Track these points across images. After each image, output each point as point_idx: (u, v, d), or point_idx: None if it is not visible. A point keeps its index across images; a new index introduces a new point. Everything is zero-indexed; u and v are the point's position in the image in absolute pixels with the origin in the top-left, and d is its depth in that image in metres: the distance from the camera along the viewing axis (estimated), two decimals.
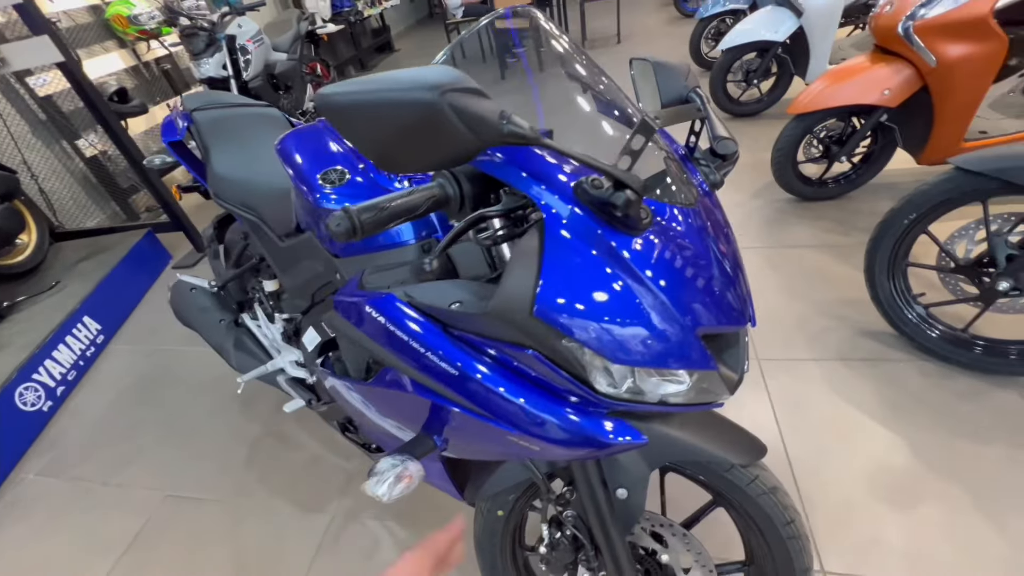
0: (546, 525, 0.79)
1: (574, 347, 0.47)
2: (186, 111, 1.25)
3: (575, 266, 0.45)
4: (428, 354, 0.56)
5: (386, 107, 0.39)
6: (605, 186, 0.45)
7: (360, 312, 0.62)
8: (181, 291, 1.42)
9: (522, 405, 0.51)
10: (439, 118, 0.38)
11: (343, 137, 0.46)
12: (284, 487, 1.41)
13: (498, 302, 0.47)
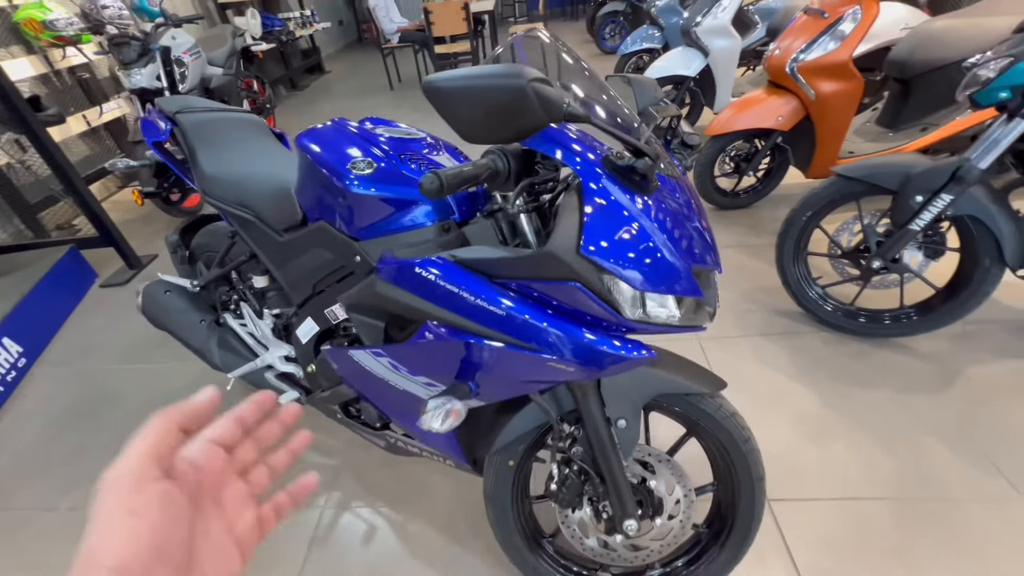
0: (556, 465, 0.92)
1: (607, 278, 0.62)
2: (166, 113, 1.27)
3: (607, 217, 0.61)
4: (478, 300, 0.68)
5: (483, 91, 0.52)
6: (627, 156, 0.61)
7: (411, 274, 0.72)
8: (154, 294, 1.38)
9: (562, 332, 0.65)
10: (522, 99, 0.52)
11: (441, 114, 0.58)
12: None
13: (553, 244, 0.61)
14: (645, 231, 0.62)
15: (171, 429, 0.30)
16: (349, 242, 0.92)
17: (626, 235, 0.61)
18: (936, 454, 1.28)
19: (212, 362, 1.32)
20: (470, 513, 1.28)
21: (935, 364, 1.52)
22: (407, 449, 1.14)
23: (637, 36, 3.83)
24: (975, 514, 1.14)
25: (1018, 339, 1.56)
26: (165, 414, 0.31)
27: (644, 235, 0.62)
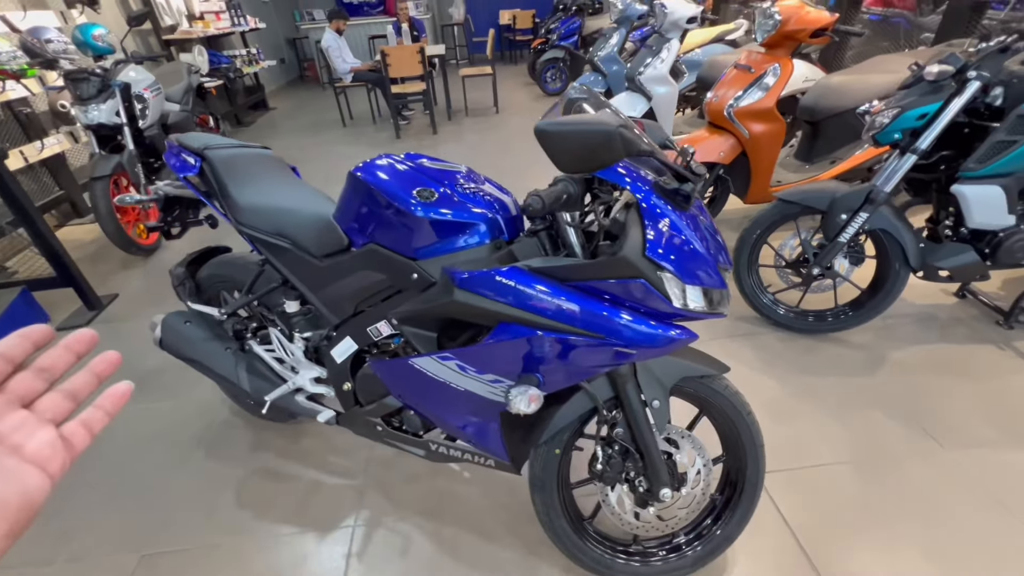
0: (600, 447, 1.06)
1: (664, 275, 0.79)
2: (192, 149, 1.32)
3: (661, 229, 0.79)
4: (555, 300, 0.83)
5: (582, 134, 0.69)
6: (672, 183, 0.80)
7: (492, 283, 0.85)
8: (174, 325, 1.38)
9: (631, 321, 0.81)
10: (611, 139, 0.69)
11: (547, 151, 0.73)
12: (289, 516, 1.40)
13: (626, 250, 0.77)
14: (687, 239, 0.81)
15: None
16: (406, 262, 1.03)
17: (675, 242, 0.79)
18: (877, 423, 1.55)
19: (241, 388, 1.34)
20: (501, 514, 1.37)
21: (866, 352, 1.84)
22: (447, 455, 1.22)
23: (583, 81, 4.23)
24: (913, 467, 1.41)
25: (923, 328, 1.93)
26: None
27: (687, 241, 0.80)
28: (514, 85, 7.21)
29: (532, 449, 1.11)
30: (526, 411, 0.83)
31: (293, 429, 1.69)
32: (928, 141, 1.50)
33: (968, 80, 1.43)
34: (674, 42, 3.13)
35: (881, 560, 1.20)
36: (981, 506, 1.30)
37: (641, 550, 1.19)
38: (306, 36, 8.39)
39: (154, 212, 2.99)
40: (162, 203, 1.49)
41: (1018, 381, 1.67)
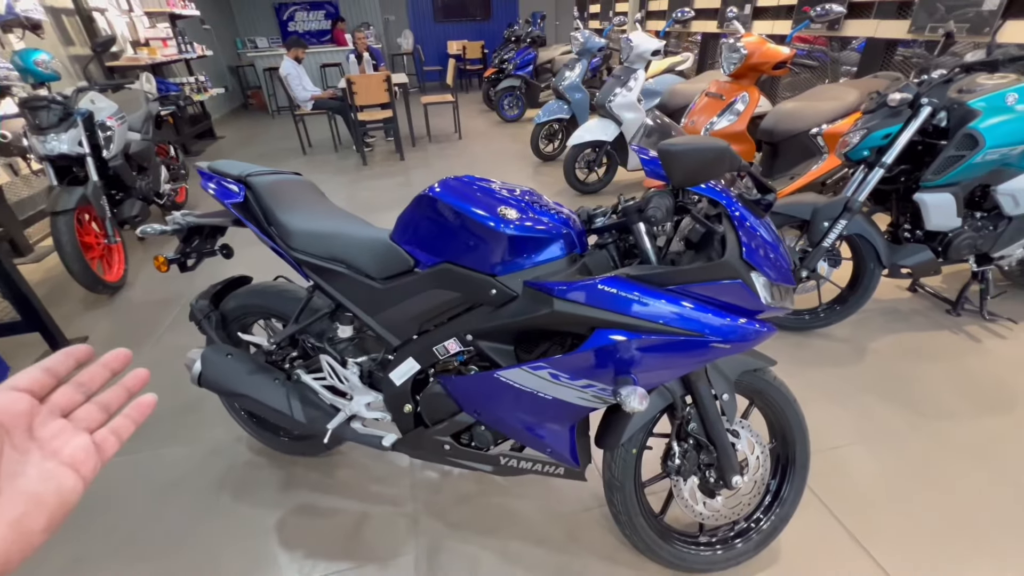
0: (676, 441, 1.13)
1: (755, 275, 0.89)
2: (233, 177, 1.28)
3: (750, 234, 0.89)
4: (656, 303, 0.90)
5: (700, 152, 0.78)
6: (754, 193, 0.91)
7: (594, 291, 0.92)
8: (214, 359, 1.30)
9: (723, 319, 0.90)
10: (723, 157, 0.78)
11: (667, 168, 0.81)
12: (344, 551, 1.35)
13: (728, 254, 0.86)
14: (768, 242, 0.91)
15: None
16: (485, 278, 1.06)
17: (761, 245, 0.90)
18: (872, 405, 1.74)
19: (295, 420, 1.28)
20: (560, 525, 1.39)
21: (849, 344, 2.06)
22: (517, 467, 1.24)
23: (549, 109, 4.44)
24: (911, 439, 1.60)
25: (890, 320, 2.19)
26: None
27: (769, 245, 0.91)
28: (471, 112, 7.39)
29: (607, 451, 1.16)
30: (638, 408, 0.89)
31: (324, 462, 1.62)
32: (892, 156, 1.75)
33: (921, 106, 1.69)
34: (640, 72, 3.39)
35: (908, 523, 1.34)
36: (972, 466, 1.49)
37: (709, 540, 1.26)
38: (251, 64, 8.16)
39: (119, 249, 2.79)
40: (184, 233, 1.43)
41: (973, 360, 1.93)
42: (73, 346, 0.37)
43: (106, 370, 0.38)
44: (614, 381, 0.98)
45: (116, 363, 0.38)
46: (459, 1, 10.26)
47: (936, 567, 1.24)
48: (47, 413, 0.35)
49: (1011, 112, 1.65)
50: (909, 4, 3.02)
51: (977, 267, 2.04)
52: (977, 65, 1.61)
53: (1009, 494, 1.41)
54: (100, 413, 0.37)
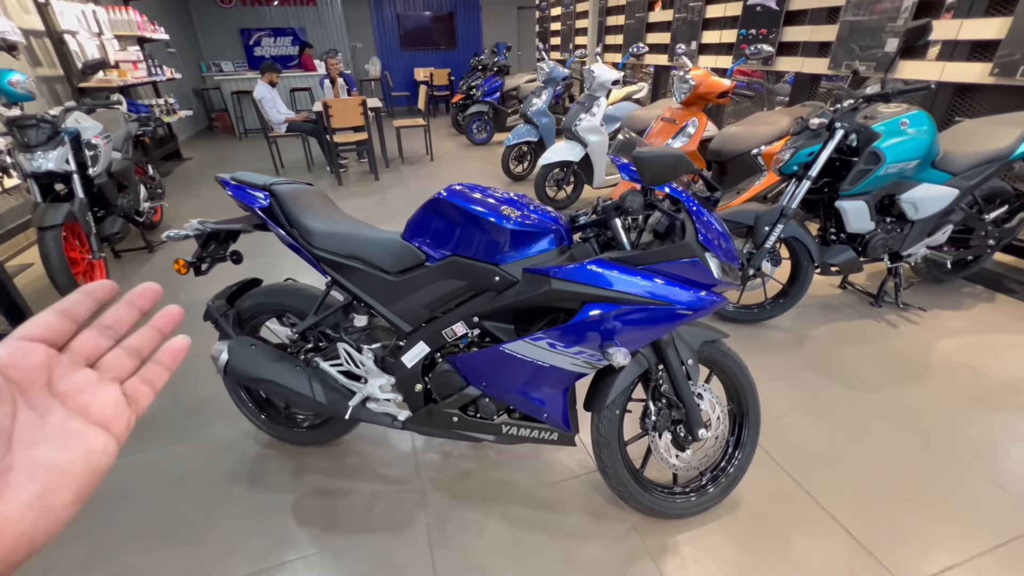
0: (651, 401, 1.35)
1: (708, 255, 1.13)
2: (258, 186, 1.44)
3: (705, 224, 1.13)
4: (633, 279, 1.12)
5: (665, 158, 1.02)
6: (705, 192, 1.16)
7: (584, 272, 1.13)
8: (240, 350, 1.42)
9: (690, 291, 1.13)
10: (682, 162, 1.03)
11: (640, 170, 1.04)
12: (360, 525, 1.47)
13: (687, 238, 1.10)
14: (717, 230, 1.16)
15: None
16: (489, 267, 1.26)
17: (712, 232, 1.15)
18: (811, 381, 2.03)
19: (317, 401, 1.42)
20: (554, 492, 1.57)
21: (791, 332, 2.36)
22: (516, 435, 1.42)
23: (518, 132, 4.74)
24: (844, 408, 1.88)
25: (824, 312, 2.52)
26: None
27: (718, 232, 1.16)
28: (440, 136, 7.65)
29: (595, 414, 1.36)
30: (623, 363, 1.10)
31: (332, 451, 1.74)
32: (816, 170, 2.09)
33: (836, 129, 2.05)
34: (602, 99, 3.74)
35: (845, 474, 1.61)
36: (893, 426, 1.78)
37: (682, 490, 1.47)
38: (216, 87, 8.16)
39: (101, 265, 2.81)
40: (203, 239, 1.56)
41: (893, 342, 2.27)
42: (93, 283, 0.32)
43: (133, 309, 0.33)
44: (601, 347, 1.20)
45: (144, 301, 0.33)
46: (424, 30, 10.65)
47: (868, 505, 1.50)
48: (68, 363, 0.30)
49: (904, 135, 2.03)
50: (829, 44, 3.51)
51: (891, 264, 2.41)
52: (875, 96, 1.98)
53: (921, 446, 1.70)
54: (130, 360, 0.33)
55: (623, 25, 6.01)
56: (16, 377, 0.27)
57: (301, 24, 9.44)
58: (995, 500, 1.49)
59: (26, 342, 0.28)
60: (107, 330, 0.33)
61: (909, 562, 1.33)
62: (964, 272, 2.68)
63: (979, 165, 2.18)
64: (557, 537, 1.43)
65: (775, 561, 1.34)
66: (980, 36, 2.62)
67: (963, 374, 2.04)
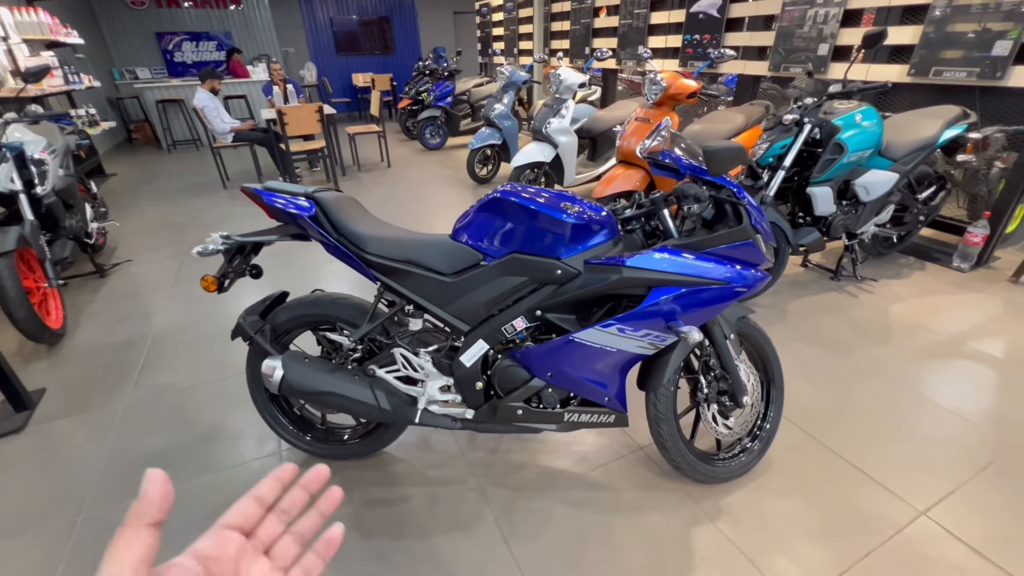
0: (702, 376, 1.47)
1: (758, 237, 1.26)
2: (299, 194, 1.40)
3: (754, 209, 1.26)
4: (695, 263, 1.23)
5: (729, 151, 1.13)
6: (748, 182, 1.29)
7: (650, 259, 1.22)
8: (295, 364, 1.36)
9: (740, 271, 1.25)
10: (742, 153, 1.14)
11: (707, 162, 1.14)
12: (427, 529, 1.47)
13: (745, 223, 1.22)
14: (761, 212, 1.30)
15: (137, 537, 0.29)
16: (550, 262, 1.32)
17: (759, 215, 1.28)
18: (800, 350, 2.26)
19: (382, 409, 1.39)
20: (607, 475, 1.65)
21: (772, 308, 2.61)
22: (577, 422, 1.48)
23: (481, 136, 4.79)
24: (835, 369, 2.12)
25: (795, 288, 2.81)
26: (126, 526, 0.29)
27: (761, 214, 1.30)
28: (391, 142, 7.50)
29: (651, 392, 1.46)
30: (697, 339, 1.21)
31: (377, 462, 1.71)
32: (789, 161, 2.33)
33: (804, 124, 2.30)
34: (570, 102, 3.89)
35: (843, 424, 1.82)
36: (873, 379, 2.04)
37: (729, 455, 1.60)
38: (134, 96, 7.48)
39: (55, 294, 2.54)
40: (232, 252, 1.49)
41: (857, 310, 2.58)
42: (280, 468, 0.37)
43: (305, 493, 0.38)
44: (666, 328, 1.29)
45: (315, 485, 0.38)
46: (360, 35, 10.39)
47: (873, 448, 1.71)
48: (252, 553, 0.34)
49: (860, 127, 2.32)
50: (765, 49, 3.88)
51: (848, 241, 2.73)
52: (838, 94, 2.25)
53: (901, 394, 1.96)
54: (296, 547, 0.36)
55: (569, 30, 6.24)
56: (216, 571, 0.31)
57: (225, 28, 8.87)
58: (968, 432, 1.77)
59: (228, 531, 0.33)
60: (283, 514, 0.36)
61: (918, 492, 1.54)
62: (900, 246, 3.09)
63: (913, 152, 2.54)
64: (621, 512, 1.51)
65: (815, 507, 1.51)
66: (897, 42, 3.04)
67: (919, 332, 2.36)
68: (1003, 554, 1.35)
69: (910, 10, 3.01)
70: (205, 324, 2.59)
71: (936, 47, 2.83)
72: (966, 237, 2.87)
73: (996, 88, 2.74)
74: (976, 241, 2.84)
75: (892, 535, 1.41)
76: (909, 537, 1.40)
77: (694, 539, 1.42)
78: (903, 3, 2.97)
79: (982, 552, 1.35)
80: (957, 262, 2.95)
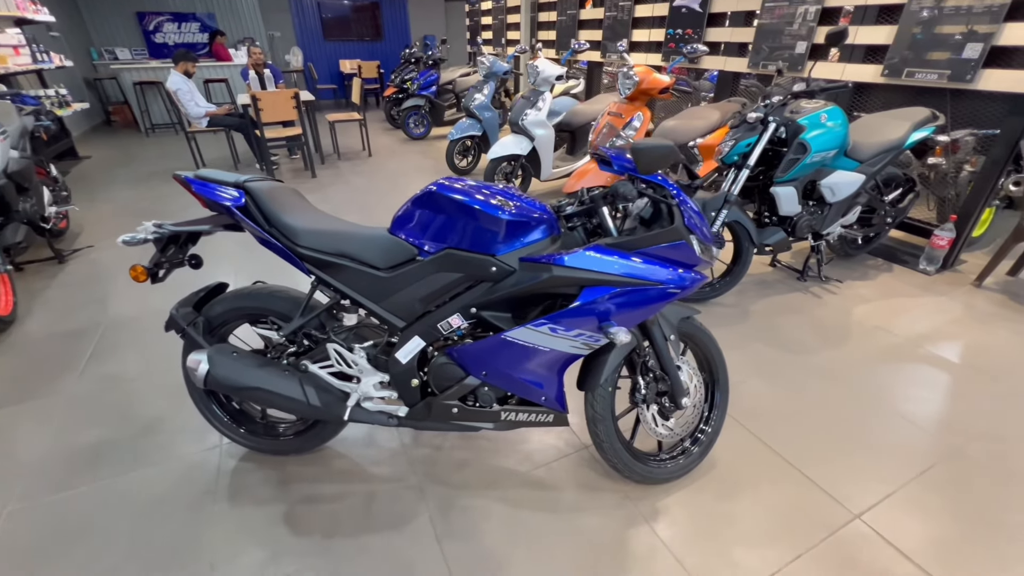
0: (640, 377, 1.45)
1: (693, 237, 1.24)
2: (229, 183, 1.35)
3: (689, 208, 1.24)
4: (628, 263, 1.21)
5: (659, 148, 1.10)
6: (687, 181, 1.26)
7: (584, 258, 1.19)
8: (221, 359, 1.33)
9: (679, 271, 1.23)
10: (672, 152, 1.12)
11: (637, 160, 1.11)
12: (362, 527, 1.45)
13: (676, 223, 1.19)
14: (697, 214, 1.28)
15: None
16: (485, 258, 1.29)
17: (693, 217, 1.26)
18: (758, 349, 2.26)
19: (311, 406, 1.36)
20: (549, 474, 1.64)
21: (736, 307, 2.60)
22: (515, 420, 1.46)
23: (461, 127, 4.73)
24: (790, 370, 2.12)
25: (761, 288, 2.80)
26: None
27: (697, 216, 1.27)
28: (374, 131, 7.41)
29: (589, 392, 1.44)
30: (625, 340, 1.18)
31: (318, 457, 1.69)
32: (753, 160, 2.31)
33: (769, 122, 2.28)
34: (547, 94, 3.84)
35: (796, 425, 1.82)
36: (828, 382, 2.04)
37: (669, 456, 1.60)
38: (113, 77, 7.31)
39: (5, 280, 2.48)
40: (163, 242, 1.44)
41: (820, 311, 2.58)
42: None
43: None
44: (599, 328, 1.27)
45: None
46: (348, 20, 10.21)
47: (818, 451, 1.71)
48: None
49: (824, 127, 2.30)
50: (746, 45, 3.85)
51: (813, 242, 2.73)
52: (801, 93, 2.23)
53: (853, 397, 1.97)
54: None
55: (555, 21, 6.16)
56: None
57: (209, 9, 8.68)
58: (913, 435, 1.77)
59: None
60: None
61: (856, 495, 1.54)
62: (868, 247, 3.09)
63: (880, 153, 2.53)
64: (558, 512, 1.50)
65: (752, 508, 1.50)
66: (872, 41, 3.01)
67: (877, 335, 2.37)
68: (930, 558, 1.35)
69: (886, 10, 2.98)
70: (161, 314, 2.54)
71: (909, 48, 2.81)
72: (933, 240, 2.87)
73: (967, 91, 2.73)
74: (942, 244, 2.84)
75: (825, 538, 1.41)
76: (841, 540, 1.41)
77: (628, 541, 1.41)
78: (879, 2, 2.94)
79: (910, 556, 1.36)
80: (924, 265, 2.96)
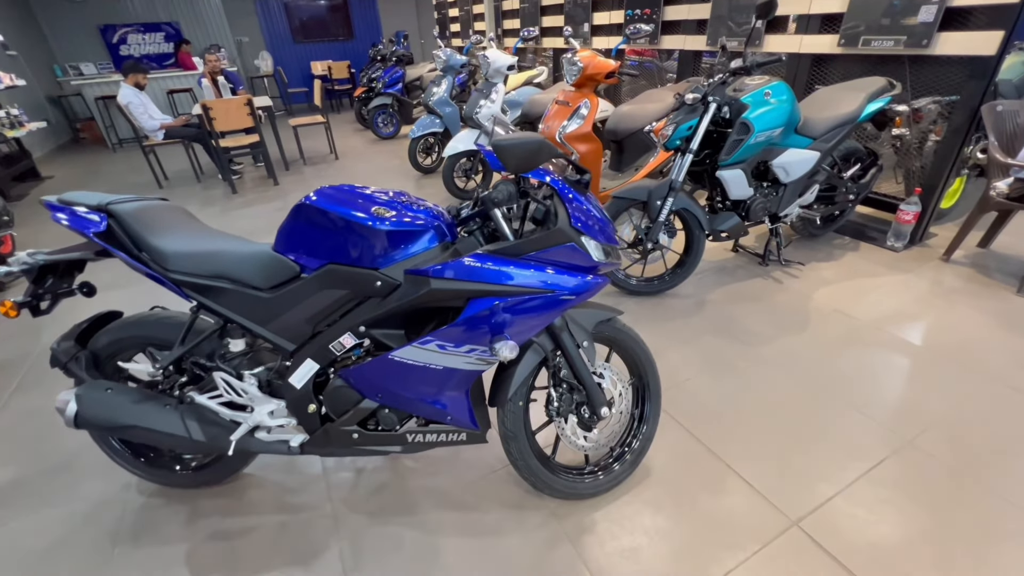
0: (553, 388, 1.35)
1: (584, 238, 1.13)
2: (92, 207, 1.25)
3: (577, 206, 1.13)
4: (512, 271, 1.10)
5: (525, 144, 0.99)
6: (575, 176, 1.16)
7: (463, 268, 1.09)
8: (92, 396, 1.24)
9: (570, 276, 1.12)
10: (543, 147, 1.01)
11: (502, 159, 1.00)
12: (263, 565, 1.37)
13: (560, 223, 1.09)
14: (592, 211, 1.17)
15: None
16: (369, 272, 1.19)
17: (587, 215, 1.15)
18: (711, 343, 2.16)
19: (193, 441, 1.27)
20: (471, 491, 1.55)
21: (692, 298, 2.50)
22: (423, 442, 1.37)
23: (422, 124, 4.60)
24: (741, 363, 2.02)
25: (720, 275, 2.69)
26: None
27: (594, 215, 1.17)
28: (345, 132, 7.28)
29: (499, 408, 1.35)
30: (510, 356, 1.08)
31: (231, 488, 1.60)
32: (696, 143, 2.19)
33: (709, 103, 2.15)
34: (499, 85, 3.70)
35: (741, 425, 1.72)
36: (780, 374, 1.94)
37: (591, 470, 1.50)
38: (77, 93, 7.18)
39: None
40: (34, 274, 1.34)
41: (779, 297, 2.47)
42: None
43: None
44: (490, 342, 1.17)
45: None
46: (317, 21, 10.02)
47: (762, 453, 1.62)
48: None
49: (768, 104, 2.18)
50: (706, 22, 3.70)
51: (771, 225, 2.61)
52: (739, 70, 2.10)
53: (803, 389, 1.86)
54: None
55: (519, 9, 5.99)
56: None
57: (173, 18, 8.51)
58: (864, 428, 1.67)
59: None
60: None
61: (797, 499, 1.45)
62: (833, 226, 2.98)
63: (834, 128, 2.41)
64: (477, 536, 1.41)
65: (685, 520, 1.41)
66: (827, 10, 2.87)
67: (835, 319, 2.26)
68: (864, 566, 1.26)
69: None
70: None
71: (864, 15, 2.67)
72: (898, 215, 2.75)
73: (925, 57, 2.60)
74: (908, 219, 2.72)
75: (757, 550, 1.32)
76: (775, 551, 1.31)
77: (547, 563, 1.32)
78: None
79: (846, 565, 1.26)
80: (891, 241, 2.84)
